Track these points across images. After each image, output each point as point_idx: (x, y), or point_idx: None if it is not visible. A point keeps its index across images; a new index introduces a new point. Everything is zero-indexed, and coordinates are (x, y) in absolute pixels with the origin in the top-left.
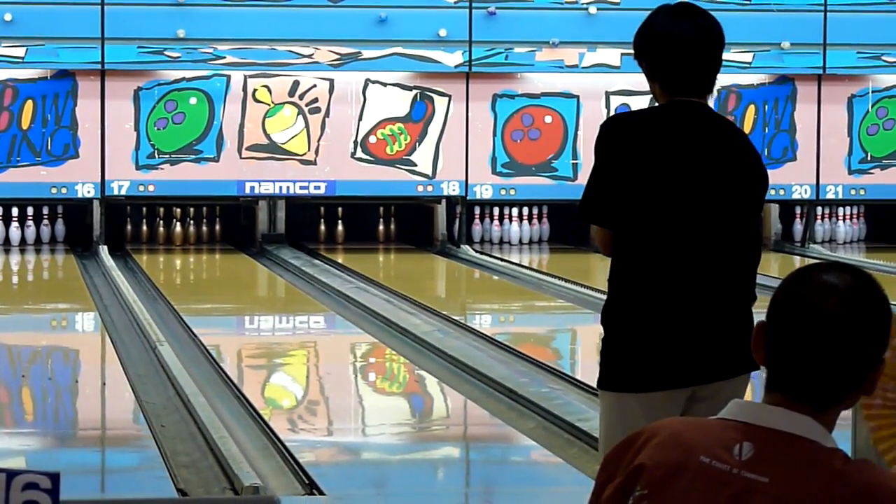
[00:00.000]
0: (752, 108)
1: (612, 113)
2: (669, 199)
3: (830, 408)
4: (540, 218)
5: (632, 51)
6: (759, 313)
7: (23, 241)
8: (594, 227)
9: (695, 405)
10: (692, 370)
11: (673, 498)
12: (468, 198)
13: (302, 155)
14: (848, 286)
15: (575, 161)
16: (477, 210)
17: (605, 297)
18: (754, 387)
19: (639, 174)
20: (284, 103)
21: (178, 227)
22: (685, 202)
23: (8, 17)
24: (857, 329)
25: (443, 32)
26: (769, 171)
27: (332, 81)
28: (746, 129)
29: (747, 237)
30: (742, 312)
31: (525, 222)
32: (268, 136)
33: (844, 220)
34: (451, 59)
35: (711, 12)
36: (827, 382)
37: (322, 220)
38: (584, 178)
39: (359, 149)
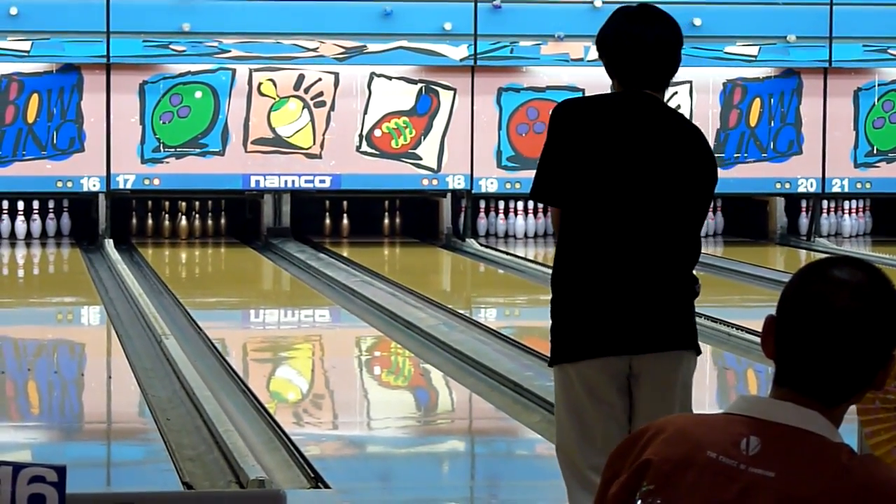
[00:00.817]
0: (757, 101)
1: None
2: (612, 179)
3: (839, 404)
4: (545, 211)
5: None
6: (768, 307)
7: (28, 234)
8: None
9: (636, 383)
10: (624, 340)
11: (680, 493)
12: (473, 191)
13: (307, 149)
14: (860, 282)
15: None
16: (482, 204)
17: None
18: (760, 382)
19: (585, 155)
20: (290, 97)
21: (184, 221)
22: (627, 184)
23: (13, 10)
24: (868, 325)
25: (448, 26)
26: (775, 165)
27: (337, 75)
28: (752, 123)
29: (688, 223)
30: (677, 292)
31: (530, 216)
32: (273, 129)
33: (850, 213)
34: (457, 52)
35: (719, 6)
36: (837, 379)
37: (327, 213)
38: None
39: (364, 142)
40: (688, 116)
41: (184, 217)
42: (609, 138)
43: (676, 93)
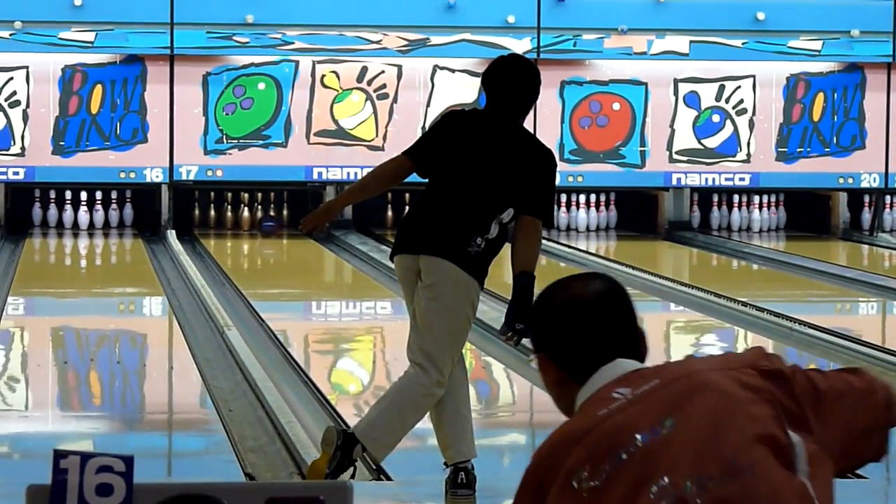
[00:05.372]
0: (821, 95)
1: (681, 100)
2: (455, 161)
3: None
4: (608, 205)
5: (701, 38)
6: (831, 302)
7: (91, 225)
8: (400, 157)
9: (420, 284)
10: (408, 244)
11: (618, 477)
12: None
13: (370, 141)
14: (591, 278)
15: (643, 148)
16: None
17: (673, 284)
18: None
19: (446, 143)
20: (353, 89)
21: (246, 212)
22: (465, 165)
23: (78, 1)
24: (623, 297)
25: (511, 19)
26: (838, 159)
27: (400, 67)
28: (815, 118)
29: (496, 208)
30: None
31: (592, 209)
32: (336, 121)
33: None
34: (520, 45)
35: (782, 0)
36: (633, 338)
37: (389, 205)
38: (652, 165)
39: None
40: (751, 110)
41: (246, 208)
42: (465, 137)
43: (739, 87)
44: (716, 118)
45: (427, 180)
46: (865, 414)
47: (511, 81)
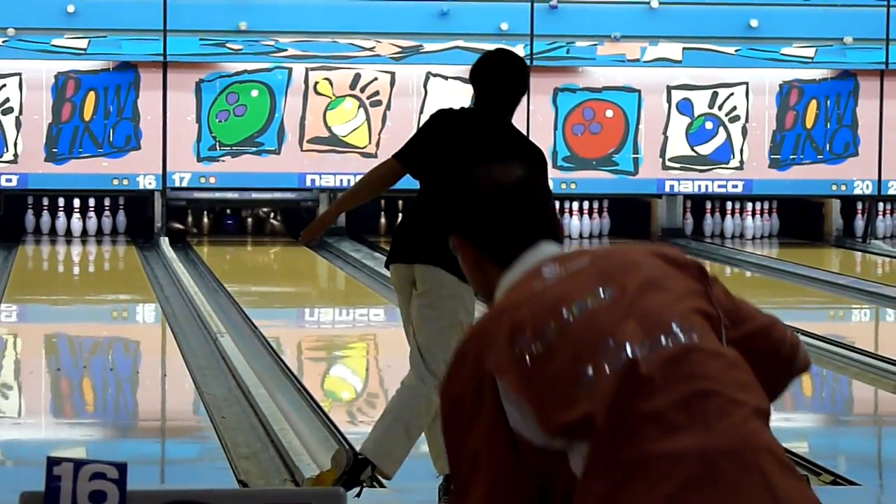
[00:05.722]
0: (813, 103)
1: (674, 107)
2: (445, 163)
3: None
4: (601, 212)
5: (694, 45)
6: (824, 309)
7: (84, 232)
8: (390, 161)
9: (415, 291)
10: (402, 253)
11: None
12: None
13: (363, 148)
14: (514, 164)
15: (636, 155)
16: None
17: None
18: (815, 384)
19: (436, 144)
20: (346, 96)
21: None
22: (456, 167)
23: (71, 8)
24: (544, 185)
25: (504, 26)
26: (831, 166)
27: (393, 74)
28: (808, 125)
29: None
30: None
31: (585, 216)
32: (329, 128)
33: None
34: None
35: (775, 7)
36: (552, 225)
37: (382, 212)
38: (644, 172)
39: None
40: (744, 117)
41: (239, 214)
42: (455, 137)
43: (732, 94)
44: (709, 125)
45: (420, 183)
46: (768, 342)
47: (498, 77)
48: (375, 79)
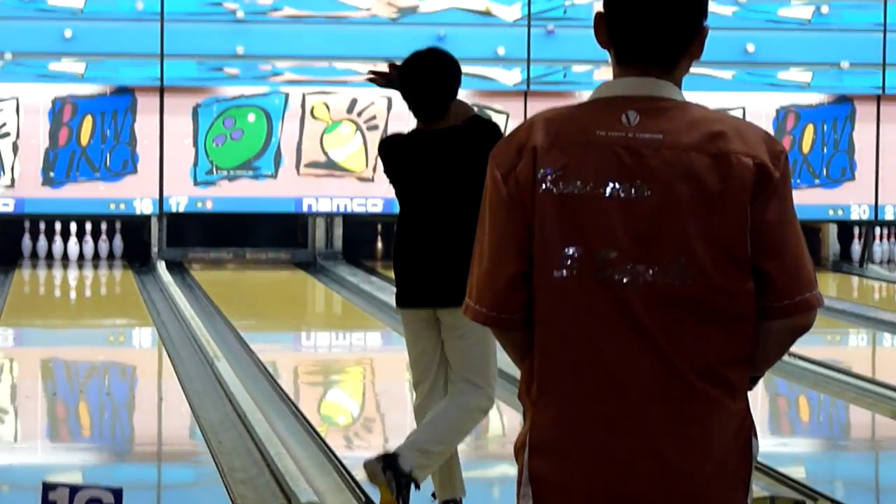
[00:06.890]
0: (810, 127)
1: None
2: (406, 191)
3: (673, 67)
4: None
5: (690, 70)
6: (822, 334)
7: (81, 256)
8: None
9: (443, 328)
10: (423, 297)
11: (584, 168)
12: None
13: (360, 172)
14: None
15: None
16: None
17: None
18: (812, 408)
19: (392, 175)
20: (343, 120)
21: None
22: (419, 187)
23: (68, 33)
24: None
25: (501, 51)
26: (828, 191)
27: (390, 99)
28: (805, 149)
29: (463, 217)
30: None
31: None
32: (326, 153)
33: None
34: (510, 77)
35: (772, 32)
36: (665, 41)
37: (379, 237)
38: None
39: None
40: None
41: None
42: (410, 162)
43: None
44: None
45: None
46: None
47: (415, 79)
48: (372, 103)
